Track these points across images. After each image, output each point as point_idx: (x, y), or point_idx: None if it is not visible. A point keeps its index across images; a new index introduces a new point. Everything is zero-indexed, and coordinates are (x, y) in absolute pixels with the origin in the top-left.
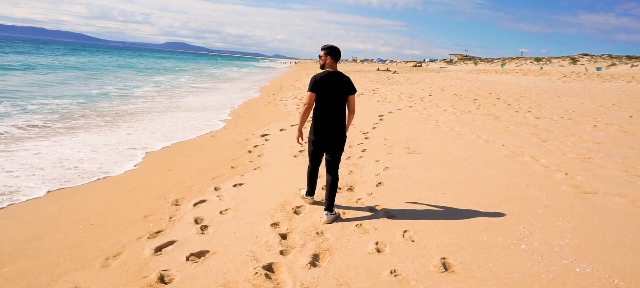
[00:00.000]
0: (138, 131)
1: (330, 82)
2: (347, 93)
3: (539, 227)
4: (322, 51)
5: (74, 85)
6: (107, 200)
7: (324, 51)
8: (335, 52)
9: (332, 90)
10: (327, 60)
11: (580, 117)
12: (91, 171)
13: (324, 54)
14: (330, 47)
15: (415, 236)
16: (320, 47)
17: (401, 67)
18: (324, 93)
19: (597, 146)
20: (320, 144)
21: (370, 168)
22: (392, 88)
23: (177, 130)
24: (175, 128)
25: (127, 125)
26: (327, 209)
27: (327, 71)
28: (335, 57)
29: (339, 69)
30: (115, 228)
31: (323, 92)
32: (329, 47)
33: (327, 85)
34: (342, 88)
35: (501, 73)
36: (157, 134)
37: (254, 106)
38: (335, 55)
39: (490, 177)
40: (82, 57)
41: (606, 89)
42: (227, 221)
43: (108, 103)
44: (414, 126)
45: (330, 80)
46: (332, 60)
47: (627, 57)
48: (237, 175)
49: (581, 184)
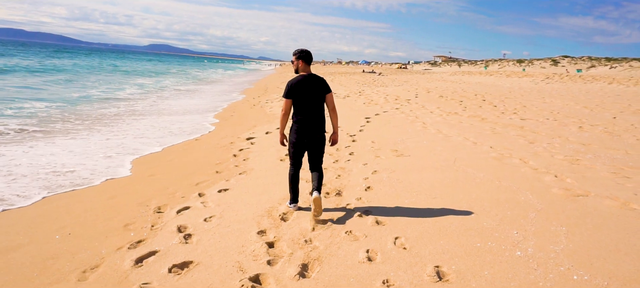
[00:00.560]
0: (119, 136)
1: (305, 86)
2: (323, 93)
3: (533, 232)
4: (293, 56)
5: (54, 88)
6: (85, 208)
7: (295, 56)
8: (306, 56)
9: (308, 92)
10: (300, 64)
11: (566, 119)
12: (69, 178)
13: (296, 59)
14: (301, 50)
15: (407, 243)
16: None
17: (386, 69)
18: (300, 97)
19: (584, 147)
20: (301, 145)
21: (359, 171)
22: (378, 90)
23: (160, 134)
24: (158, 132)
25: (107, 130)
26: (316, 190)
27: (302, 75)
28: (306, 61)
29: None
30: (93, 238)
31: (299, 96)
32: (299, 52)
33: (303, 89)
34: (317, 89)
35: (485, 75)
36: (140, 139)
37: (239, 109)
38: (306, 59)
39: (480, 180)
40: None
41: (588, 90)
42: (211, 229)
43: (89, 106)
44: (401, 128)
45: (305, 84)
46: (304, 64)
47: (606, 58)
48: (222, 180)
49: (571, 187)
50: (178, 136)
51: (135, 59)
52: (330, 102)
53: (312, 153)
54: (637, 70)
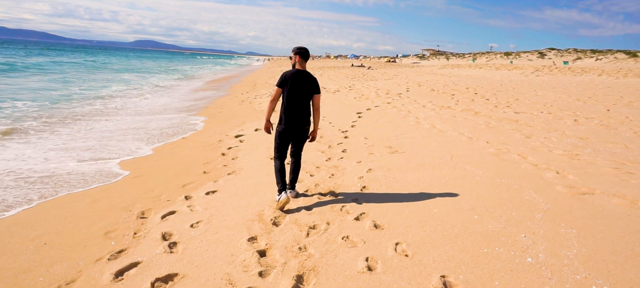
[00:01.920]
0: (104, 135)
1: (297, 80)
2: (313, 92)
3: (542, 235)
4: (292, 52)
5: (35, 86)
6: (64, 214)
7: (293, 52)
8: (304, 53)
9: (299, 86)
10: (297, 58)
11: (560, 111)
12: (46, 181)
13: (294, 54)
14: (299, 48)
15: (408, 249)
16: (292, 47)
17: (375, 63)
18: (291, 89)
19: (582, 141)
20: (287, 135)
21: (353, 170)
22: (369, 84)
23: (144, 133)
24: (142, 131)
25: (89, 128)
26: (291, 188)
27: (297, 69)
28: (303, 57)
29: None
30: (71, 248)
31: (291, 87)
32: (298, 49)
33: (295, 82)
34: (308, 86)
35: (474, 67)
36: (123, 138)
37: (227, 105)
38: (303, 56)
39: (480, 178)
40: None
41: (579, 82)
42: (198, 236)
43: (69, 105)
44: (394, 123)
45: (298, 78)
46: (301, 60)
47: (591, 51)
48: (210, 182)
49: (575, 184)
50: (165, 135)
51: (123, 56)
52: (317, 102)
53: (295, 144)
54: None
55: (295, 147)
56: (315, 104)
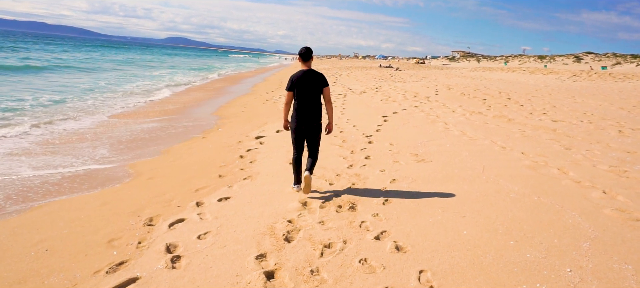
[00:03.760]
0: (124, 134)
1: (304, 80)
2: (321, 87)
3: (591, 271)
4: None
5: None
6: (72, 217)
7: (297, 55)
8: (304, 55)
9: (306, 86)
10: (299, 60)
11: (602, 121)
12: (58, 180)
13: (298, 57)
14: (300, 50)
15: (434, 280)
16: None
17: (403, 64)
18: (299, 90)
19: (629, 156)
20: (300, 132)
21: (375, 179)
22: (396, 86)
23: (166, 130)
24: (162, 131)
25: (113, 127)
26: (308, 170)
27: (302, 70)
28: (303, 58)
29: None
30: (71, 257)
31: (299, 89)
32: (300, 51)
33: (302, 83)
34: (315, 84)
35: (506, 71)
36: (145, 137)
37: (250, 104)
38: (303, 57)
39: (516, 195)
40: (107, 55)
41: (621, 89)
42: (204, 250)
43: (102, 96)
44: (421, 128)
45: (304, 79)
46: (302, 61)
47: (631, 55)
48: (224, 187)
49: (626, 207)
50: (184, 134)
51: (160, 53)
52: (327, 95)
53: (310, 141)
54: None
55: (310, 143)
56: (326, 97)
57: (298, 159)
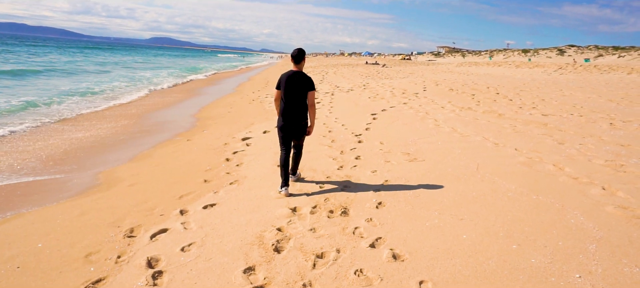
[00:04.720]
0: (100, 136)
1: (291, 81)
2: (306, 90)
3: (601, 276)
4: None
5: None
6: (47, 229)
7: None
8: (296, 56)
9: (293, 87)
10: (291, 61)
11: (592, 114)
12: (33, 190)
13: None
14: (293, 52)
15: None
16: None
17: (390, 60)
18: (286, 89)
19: (624, 149)
20: (285, 130)
21: (367, 181)
22: (384, 82)
23: (148, 133)
24: (146, 131)
25: (89, 125)
26: (292, 173)
27: (292, 71)
28: (295, 60)
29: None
30: (44, 275)
31: (285, 88)
32: (292, 52)
33: (289, 83)
34: (301, 86)
35: (492, 65)
36: (125, 139)
37: (237, 104)
38: (295, 59)
39: (513, 194)
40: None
41: (607, 81)
42: (188, 263)
43: (84, 99)
44: (411, 126)
45: (292, 79)
46: (294, 62)
47: (613, 47)
48: (209, 193)
49: (628, 204)
50: (169, 137)
51: (145, 54)
52: (311, 99)
53: (295, 138)
54: None
55: (296, 140)
56: (310, 100)
57: (286, 158)
